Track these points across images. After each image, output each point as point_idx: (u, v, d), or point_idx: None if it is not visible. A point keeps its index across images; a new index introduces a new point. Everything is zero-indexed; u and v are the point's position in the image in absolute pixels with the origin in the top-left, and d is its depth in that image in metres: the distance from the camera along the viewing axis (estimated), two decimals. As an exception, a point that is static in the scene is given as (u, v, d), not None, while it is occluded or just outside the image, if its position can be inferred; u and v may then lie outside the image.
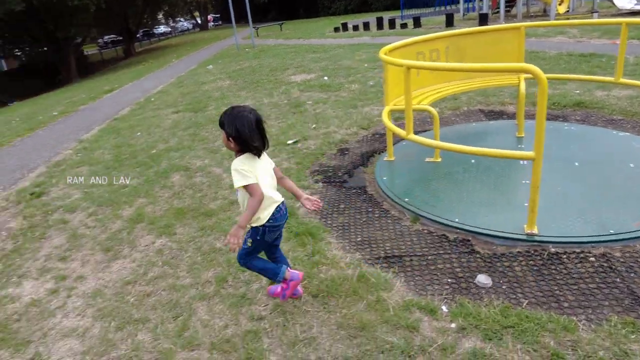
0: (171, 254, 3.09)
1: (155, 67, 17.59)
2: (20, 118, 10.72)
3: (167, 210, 3.77)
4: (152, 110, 7.99)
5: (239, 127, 1.98)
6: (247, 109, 2.06)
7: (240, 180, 2.01)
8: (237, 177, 2.01)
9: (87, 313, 2.63)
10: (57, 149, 6.67)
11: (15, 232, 3.97)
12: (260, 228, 2.15)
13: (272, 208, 2.14)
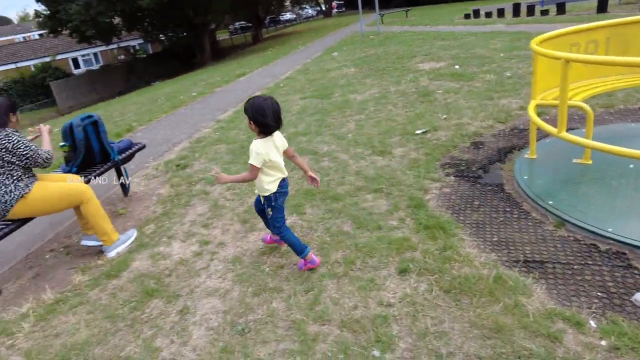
0: (302, 231, 3.29)
1: (281, 53, 18.54)
2: (165, 97, 12.13)
3: (297, 190, 4.00)
4: (281, 96, 8.47)
5: (258, 113, 2.45)
6: (265, 99, 2.51)
7: (253, 160, 2.53)
8: (253, 157, 2.53)
9: (227, 277, 2.93)
10: (197, 126, 7.44)
11: (164, 198, 4.54)
12: (272, 196, 2.65)
13: (278, 181, 2.66)
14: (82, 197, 3.47)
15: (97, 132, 4.03)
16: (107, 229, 3.58)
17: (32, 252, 4.07)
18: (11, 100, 3.36)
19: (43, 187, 3.36)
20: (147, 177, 5.30)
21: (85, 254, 3.77)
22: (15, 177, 3.23)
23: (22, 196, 3.24)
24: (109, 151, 4.17)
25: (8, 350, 2.70)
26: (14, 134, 3.19)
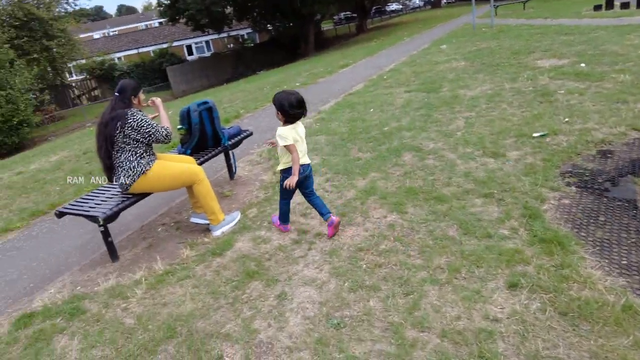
0: (402, 231, 3.23)
1: (386, 44, 18.33)
2: (270, 86, 12.63)
3: (398, 187, 3.93)
4: (384, 88, 8.38)
5: (284, 104, 3.03)
6: (291, 92, 3.09)
7: (283, 142, 3.07)
8: (281, 140, 3.08)
9: (324, 268, 2.97)
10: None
11: (266, 184, 4.73)
12: (286, 172, 3.25)
13: (287, 166, 3.23)
14: (196, 177, 3.73)
15: (211, 118, 4.30)
16: (215, 209, 3.82)
17: (146, 224, 4.48)
18: (137, 83, 3.70)
19: (162, 165, 3.66)
20: (251, 163, 5.57)
21: (193, 231, 4.06)
22: (139, 155, 3.56)
23: (143, 172, 3.56)
24: (221, 136, 4.43)
25: (122, 312, 3.01)
26: (137, 113, 3.51)
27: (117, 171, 3.57)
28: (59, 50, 22.77)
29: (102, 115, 3.57)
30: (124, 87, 3.56)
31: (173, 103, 19.08)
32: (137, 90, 3.62)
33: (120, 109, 3.48)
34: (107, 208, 3.55)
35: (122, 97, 3.54)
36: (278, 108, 3.08)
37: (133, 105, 3.58)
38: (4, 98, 17.15)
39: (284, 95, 3.06)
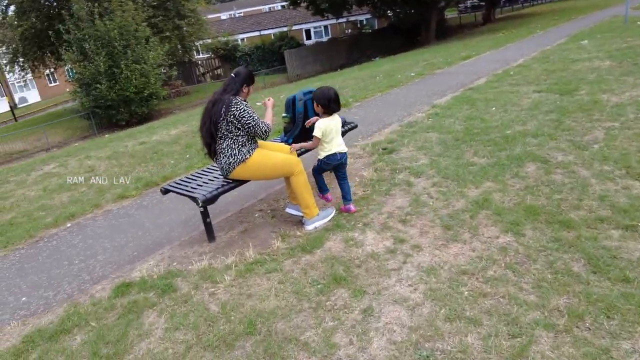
0: (516, 257, 2.82)
1: (515, 36, 16.88)
2: (383, 74, 12.31)
3: (517, 204, 3.47)
4: (509, 85, 7.64)
5: (323, 98, 3.53)
6: (329, 88, 3.59)
7: (316, 132, 3.58)
8: (317, 131, 3.56)
9: (419, 288, 2.70)
10: (411, 109, 7.27)
11: (366, 181, 4.52)
12: (320, 160, 3.75)
13: (329, 152, 3.69)
14: (294, 169, 3.65)
15: (317, 107, 4.18)
16: (310, 202, 3.72)
17: (245, 207, 4.55)
18: (250, 73, 3.70)
19: (262, 154, 3.64)
20: (353, 156, 5.39)
21: (287, 221, 4.01)
22: (240, 143, 3.56)
23: (243, 160, 3.57)
24: (325, 126, 4.30)
25: (209, 297, 3.03)
26: (242, 102, 3.51)
27: (219, 157, 3.63)
28: (188, 29, 24.65)
29: (214, 93, 3.64)
30: (240, 72, 3.63)
31: (286, 87, 19.66)
32: (249, 81, 3.66)
33: (230, 94, 3.52)
34: (207, 191, 3.63)
35: (235, 80, 3.58)
36: (319, 102, 3.56)
37: (241, 94, 3.61)
38: (139, 71, 19.00)
39: (324, 90, 3.56)
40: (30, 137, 19.91)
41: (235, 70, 3.67)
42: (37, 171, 8.57)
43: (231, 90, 3.56)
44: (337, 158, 3.71)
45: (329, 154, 3.70)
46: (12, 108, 30.61)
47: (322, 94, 3.56)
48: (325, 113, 3.61)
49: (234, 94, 3.55)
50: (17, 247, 4.80)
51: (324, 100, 3.54)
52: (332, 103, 3.55)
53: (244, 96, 3.66)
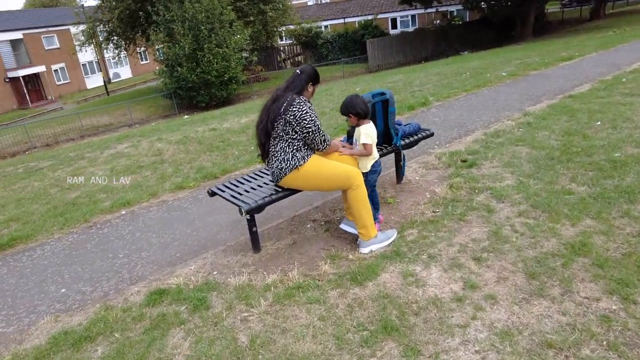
0: (624, 335, 2.16)
1: (630, 36, 14.96)
2: (470, 72, 11.38)
3: (626, 254, 2.76)
4: (621, 95, 6.57)
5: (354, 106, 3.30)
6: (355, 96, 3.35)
7: (366, 139, 3.31)
8: (366, 138, 3.30)
9: (489, 357, 2.15)
10: (499, 115, 6.49)
11: (438, 200, 3.96)
12: (368, 172, 3.46)
13: (373, 161, 3.46)
14: (352, 182, 3.21)
15: (385, 112, 3.69)
16: (368, 222, 3.26)
17: (298, 215, 4.17)
18: (316, 71, 3.33)
19: (318, 163, 3.23)
20: (426, 166, 4.82)
21: (341, 237, 3.59)
22: (295, 147, 3.18)
23: (296, 167, 3.18)
24: (393, 135, 3.79)
25: (241, 323, 2.70)
26: (305, 103, 3.12)
27: (271, 160, 3.27)
28: (272, 14, 24.74)
29: (276, 89, 3.29)
30: (305, 69, 3.29)
31: (364, 78, 19.08)
32: (315, 80, 3.31)
33: (293, 92, 3.18)
34: (254, 200, 3.28)
35: (299, 78, 3.24)
36: (352, 113, 3.32)
37: (305, 93, 3.25)
38: (221, 55, 19.35)
39: (353, 99, 3.32)
40: (117, 112, 21.12)
41: (301, 67, 3.31)
42: (111, 149, 8.83)
43: (295, 88, 3.20)
44: (379, 164, 3.56)
45: (374, 162, 3.49)
46: (105, 83, 32.81)
47: (354, 103, 3.31)
48: (362, 119, 3.36)
49: (297, 92, 3.19)
50: (71, 231, 4.81)
51: (359, 108, 3.30)
52: (366, 108, 3.33)
53: (308, 96, 3.29)
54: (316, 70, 3.32)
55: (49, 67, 33.23)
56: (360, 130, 3.32)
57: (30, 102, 31.35)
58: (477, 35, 29.28)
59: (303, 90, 3.22)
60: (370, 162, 3.43)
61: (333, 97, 11.16)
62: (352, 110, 3.30)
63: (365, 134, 3.29)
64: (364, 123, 3.34)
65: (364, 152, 3.36)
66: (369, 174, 3.46)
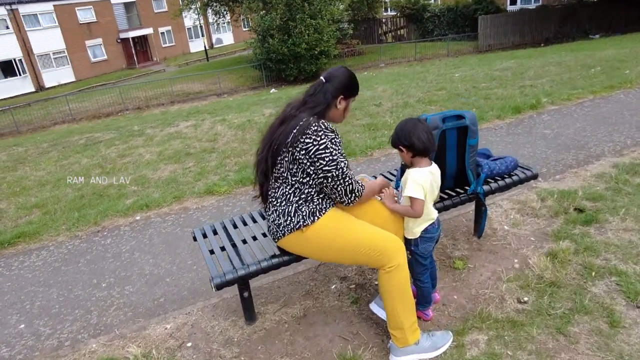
0: None
1: None
2: (602, 65, 9.18)
3: None
4: None
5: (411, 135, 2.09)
6: (416, 121, 2.14)
7: (413, 192, 2.10)
8: (416, 189, 2.10)
9: None
10: (637, 137, 4.74)
11: (529, 277, 2.64)
12: (412, 240, 2.25)
13: (427, 224, 2.22)
14: (387, 261, 2.06)
15: (462, 145, 2.41)
16: (405, 322, 2.10)
17: (322, 266, 3.08)
18: (351, 78, 2.15)
19: (335, 223, 2.10)
20: (522, 208, 3.44)
21: (369, 320, 2.49)
22: (303, 197, 2.07)
23: (299, 227, 2.07)
24: (471, 178, 2.51)
25: None
26: (325, 132, 1.99)
27: (269, 208, 2.20)
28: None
29: (288, 104, 2.17)
30: (335, 75, 2.12)
31: (469, 60, 16.94)
32: (348, 91, 2.14)
33: (310, 112, 2.05)
34: (238, 263, 2.25)
35: (324, 89, 2.10)
36: (405, 145, 2.13)
37: (329, 116, 2.13)
38: (313, 27, 18.32)
39: (411, 124, 2.14)
40: (208, 79, 21.17)
41: (328, 72, 2.16)
42: (172, 127, 8.32)
43: (315, 106, 2.07)
44: (436, 228, 2.29)
45: (428, 225, 2.25)
46: (205, 48, 33.49)
47: (408, 130, 2.12)
48: (416, 156, 2.16)
49: (318, 112, 2.07)
50: (77, 234, 4.19)
51: (415, 138, 2.09)
52: (427, 141, 2.11)
53: (337, 117, 2.18)
54: (352, 76, 2.15)
55: (156, 30, 34.64)
56: (410, 174, 2.15)
57: (137, 63, 33.03)
58: (615, 15, 24.97)
59: (328, 110, 2.09)
60: (422, 225, 2.23)
61: (425, 84, 9.64)
62: (404, 141, 2.13)
63: (414, 181, 2.12)
64: (420, 163, 2.16)
65: (409, 212, 2.19)
66: (420, 241, 2.26)
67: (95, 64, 31.27)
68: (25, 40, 27.49)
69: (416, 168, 2.14)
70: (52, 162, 6.97)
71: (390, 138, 2.19)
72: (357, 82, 2.17)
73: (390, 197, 2.27)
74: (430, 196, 2.17)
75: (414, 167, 2.17)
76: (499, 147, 4.85)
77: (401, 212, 2.22)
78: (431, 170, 2.14)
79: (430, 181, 2.14)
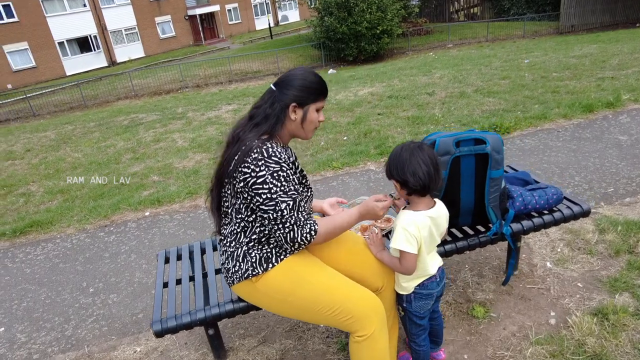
0: None
1: None
2: None
3: None
4: None
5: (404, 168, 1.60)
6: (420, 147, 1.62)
7: (401, 244, 1.61)
8: (401, 238, 1.61)
9: None
10: None
11: (566, 340, 2.08)
12: (404, 296, 1.78)
13: (419, 280, 1.74)
14: (359, 326, 1.63)
15: (481, 176, 1.86)
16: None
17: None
18: (310, 79, 1.65)
19: (295, 273, 1.67)
20: (572, 241, 2.82)
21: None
22: (257, 236, 1.66)
23: (247, 276, 1.66)
24: (492, 218, 1.96)
25: None
26: (268, 165, 1.53)
27: (220, 247, 1.80)
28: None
29: (239, 121, 1.73)
30: (286, 79, 1.64)
31: (544, 43, 15.41)
32: (304, 97, 1.63)
33: (257, 130, 1.60)
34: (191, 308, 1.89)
35: (273, 99, 1.63)
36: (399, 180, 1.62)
37: (284, 130, 1.66)
38: (376, 5, 17.47)
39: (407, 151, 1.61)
40: (268, 58, 20.99)
41: (279, 77, 1.67)
42: (214, 111, 8.16)
43: (261, 122, 1.62)
44: (437, 282, 1.77)
45: (424, 280, 1.75)
46: (270, 26, 33.36)
47: (402, 159, 1.62)
48: (411, 194, 1.65)
49: (267, 131, 1.61)
50: (85, 227, 4.06)
51: (410, 172, 1.59)
52: (425, 175, 1.58)
53: (298, 133, 1.70)
54: (308, 77, 1.64)
55: (223, 7, 34.94)
56: (400, 220, 1.66)
57: (203, 40, 33.58)
58: None
59: (280, 124, 1.63)
60: (414, 280, 1.75)
61: (488, 70, 8.75)
62: (396, 175, 1.63)
63: (405, 230, 1.61)
64: (417, 205, 1.67)
65: (397, 267, 1.72)
66: (414, 298, 1.77)
67: (163, 40, 32.16)
68: (100, 17, 28.70)
69: (410, 211, 1.65)
70: (92, 143, 7.02)
71: (386, 166, 1.70)
72: (320, 84, 1.65)
73: (378, 243, 1.79)
74: (429, 246, 1.68)
75: (409, 207, 1.68)
76: (557, 156, 4.13)
77: (388, 265, 1.75)
78: (431, 215, 1.65)
79: (430, 228, 1.65)
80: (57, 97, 18.78)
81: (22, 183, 5.55)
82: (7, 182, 5.63)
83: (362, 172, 4.38)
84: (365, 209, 1.67)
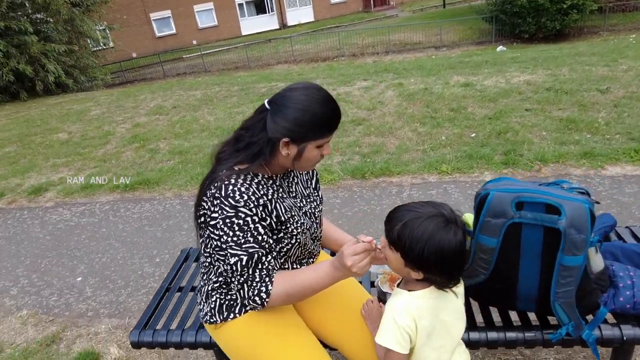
0: None
1: None
2: None
3: None
4: None
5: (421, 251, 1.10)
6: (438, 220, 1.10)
7: (385, 340, 1.17)
8: (387, 332, 1.17)
9: None
10: None
11: None
12: None
13: None
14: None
15: (549, 257, 1.27)
16: None
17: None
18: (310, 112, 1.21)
19: (254, 333, 1.36)
20: None
21: None
22: (224, 278, 1.37)
23: (209, 323, 1.39)
24: (561, 317, 1.34)
25: None
26: (224, 208, 1.21)
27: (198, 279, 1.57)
28: None
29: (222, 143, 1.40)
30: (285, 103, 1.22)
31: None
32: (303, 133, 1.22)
33: (231, 160, 1.29)
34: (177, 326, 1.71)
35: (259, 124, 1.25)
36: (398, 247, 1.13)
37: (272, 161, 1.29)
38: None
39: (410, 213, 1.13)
40: (432, 29, 19.85)
41: (278, 94, 1.26)
42: (347, 86, 7.90)
43: (243, 150, 1.27)
44: None
45: None
46: (444, -5, 31.51)
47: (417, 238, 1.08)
48: (423, 282, 1.17)
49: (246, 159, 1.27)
50: (180, 194, 4.20)
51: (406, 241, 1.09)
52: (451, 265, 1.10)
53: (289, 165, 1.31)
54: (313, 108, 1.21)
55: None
56: (389, 306, 1.22)
57: (373, 6, 33.25)
58: None
59: (260, 159, 1.26)
60: None
61: (595, 68, 6.84)
62: (392, 238, 1.14)
63: (394, 322, 1.16)
64: (416, 285, 1.19)
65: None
66: None
67: (333, 6, 32.69)
68: (276, -20, 30.34)
69: (404, 292, 1.19)
70: (227, 108, 7.36)
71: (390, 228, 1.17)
72: (326, 118, 1.23)
73: (375, 317, 1.36)
74: (437, 339, 1.20)
75: (404, 285, 1.23)
76: None
77: (377, 352, 1.30)
78: (436, 296, 1.16)
79: (434, 314, 1.17)
80: (226, 56, 20.50)
81: (156, 138, 6.06)
82: (145, 136, 6.20)
83: (473, 183, 3.72)
84: (337, 259, 1.22)
